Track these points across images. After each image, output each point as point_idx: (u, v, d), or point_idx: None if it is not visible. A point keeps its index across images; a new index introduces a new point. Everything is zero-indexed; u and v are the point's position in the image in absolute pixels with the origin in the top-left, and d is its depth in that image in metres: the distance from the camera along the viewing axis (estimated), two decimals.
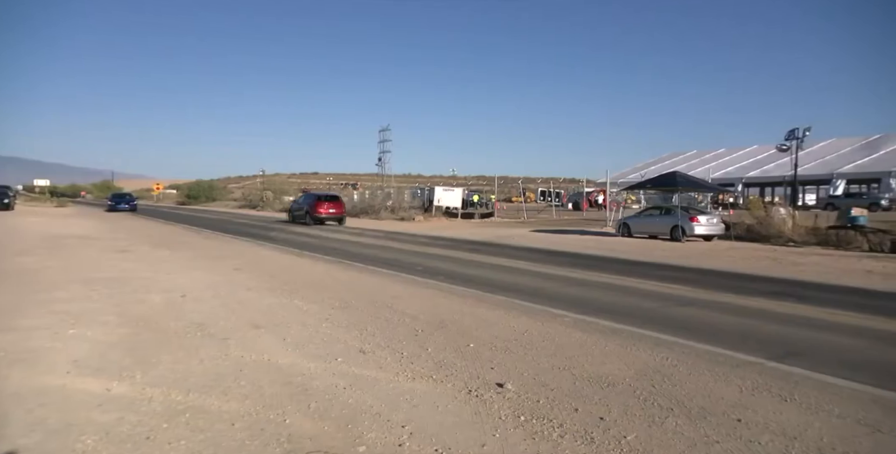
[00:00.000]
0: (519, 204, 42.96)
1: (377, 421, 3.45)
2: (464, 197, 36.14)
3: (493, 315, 6.68)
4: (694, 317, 6.80)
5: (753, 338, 5.68)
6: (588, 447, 3.10)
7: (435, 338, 5.50)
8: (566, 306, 7.18)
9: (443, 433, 3.28)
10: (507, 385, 4.10)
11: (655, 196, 31.00)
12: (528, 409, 3.66)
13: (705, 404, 3.75)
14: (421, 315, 6.56)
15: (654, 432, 3.30)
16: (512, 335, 5.66)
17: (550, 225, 26.86)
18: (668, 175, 21.41)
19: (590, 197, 43.13)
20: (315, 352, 4.95)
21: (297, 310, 6.85)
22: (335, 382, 4.15)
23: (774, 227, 17.69)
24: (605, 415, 3.55)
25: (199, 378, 4.20)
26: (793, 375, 4.38)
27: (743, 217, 20.77)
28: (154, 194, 78.60)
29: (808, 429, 3.35)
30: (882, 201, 30.26)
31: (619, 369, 4.53)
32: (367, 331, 5.80)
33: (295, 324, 6.01)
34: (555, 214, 35.98)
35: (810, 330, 6.07)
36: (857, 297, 8.26)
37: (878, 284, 9.54)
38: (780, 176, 34.68)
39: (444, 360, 4.76)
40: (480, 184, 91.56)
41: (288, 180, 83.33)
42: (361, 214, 35.74)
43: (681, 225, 17.87)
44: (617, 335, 5.70)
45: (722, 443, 3.14)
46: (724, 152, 50.58)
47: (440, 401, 3.80)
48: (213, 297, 7.53)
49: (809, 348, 5.30)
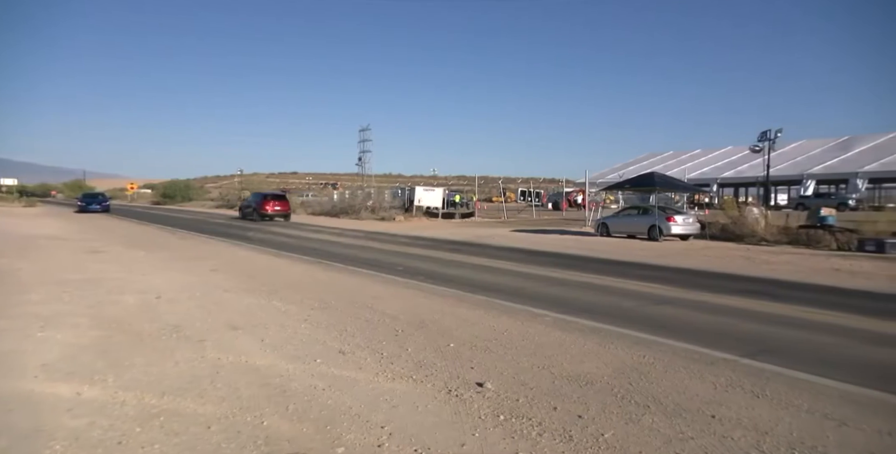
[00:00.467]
0: (499, 204, 43.16)
1: (356, 422, 3.43)
2: (444, 197, 36.14)
3: (473, 315, 6.69)
4: (671, 315, 6.91)
5: (728, 335, 5.79)
6: (566, 445, 3.13)
7: (415, 339, 5.49)
8: (546, 306, 7.23)
9: (422, 433, 3.28)
10: (486, 384, 4.11)
11: (633, 196, 31.45)
12: (508, 408, 3.67)
13: (681, 401, 3.82)
14: (401, 315, 6.55)
15: (631, 429, 3.34)
16: (492, 334, 5.68)
17: (530, 225, 27.03)
18: (646, 176, 21.73)
19: (569, 197, 43.53)
20: (294, 353, 4.90)
21: (275, 310, 6.77)
22: (314, 383, 4.12)
23: (748, 227, 18.07)
24: (583, 414, 3.59)
25: (174, 380, 4.12)
26: (765, 372, 4.48)
27: (718, 217, 21.18)
28: (128, 194, 76.93)
29: (779, 425, 3.43)
30: (849, 201, 31.18)
31: (597, 368, 4.58)
32: (347, 331, 5.76)
33: (273, 325, 5.94)
34: (535, 214, 36.22)
35: (782, 327, 6.22)
36: (825, 295, 8.49)
37: (846, 282, 9.82)
38: (754, 176, 35.47)
39: (425, 360, 4.76)
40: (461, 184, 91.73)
41: (266, 180, 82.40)
42: (341, 214, 35.50)
43: (658, 224, 18.14)
44: (596, 334, 5.76)
45: (696, 440, 3.20)
46: (700, 153, 51.52)
47: (420, 402, 3.80)
48: (188, 299, 7.40)
49: (781, 345, 5.43)
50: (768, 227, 17.88)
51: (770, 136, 20.78)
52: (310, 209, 41.31)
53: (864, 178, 35.02)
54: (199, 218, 33.54)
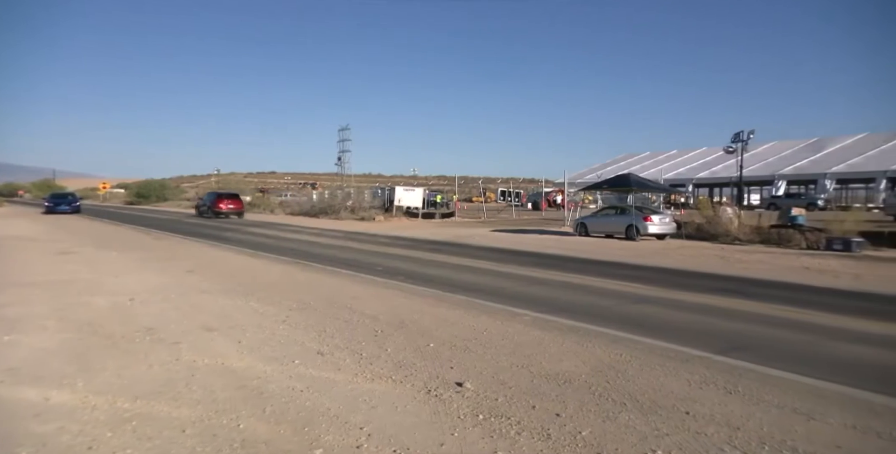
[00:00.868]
0: (479, 204, 43.29)
1: (335, 423, 3.41)
2: (425, 197, 36.12)
3: (453, 314, 6.70)
4: (647, 314, 7.01)
5: (702, 333, 5.90)
6: (545, 443, 3.16)
7: (395, 339, 5.48)
8: (526, 305, 7.28)
9: (401, 434, 3.27)
10: (466, 384, 4.12)
11: (611, 196, 31.86)
12: (487, 408, 3.69)
13: (656, 398, 3.88)
14: (381, 315, 6.52)
15: (608, 427, 3.39)
16: (472, 334, 5.69)
17: (510, 224, 27.18)
18: (623, 176, 22.04)
19: (548, 197, 43.91)
20: (271, 355, 4.85)
21: (252, 312, 6.68)
22: (292, 385, 4.08)
23: (722, 226, 18.44)
24: (561, 412, 3.62)
25: (148, 384, 4.04)
26: (737, 368, 4.58)
27: (693, 216, 21.57)
28: (100, 194, 75.10)
29: (751, 420, 3.51)
30: (818, 201, 32.07)
31: (575, 366, 4.63)
32: (326, 332, 5.72)
33: (251, 327, 5.87)
34: (514, 214, 36.43)
35: (754, 325, 6.36)
36: (796, 293, 8.71)
37: (815, 280, 10.09)
38: (728, 177, 36.24)
39: (404, 361, 4.75)
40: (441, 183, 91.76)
41: (244, 180, 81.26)
42: (321, 214, 35.21)
43: (635, 224, 18.40)
44: (574, 333, 5.81)
45: (671, 436, 3.25)
46: (676, 154, 52.42)
47: (399, 402, 3.79)
48: (163, 300, 7.26)
49: (753, 342, 5.55)
50: (742, 226, 18.27)
51: (743, 138, 21.25)
52: (288, 209, 40.91)
53: (832, 178, 36.06)
54: (174, 218, 32.92)
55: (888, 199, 25.19)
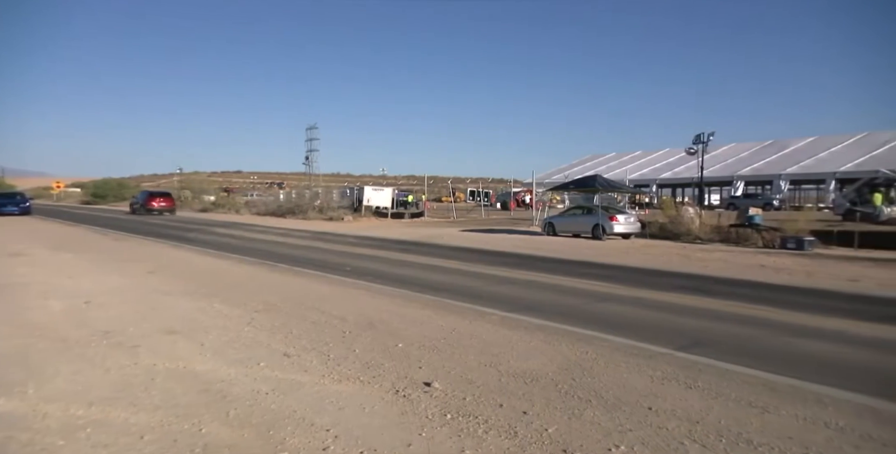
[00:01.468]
0: (449, 204, 43.36)
1: (301, 425, 3.36)
2: (394, 196, 35.98)
3: (422, 314, 6.69)
4: (613, 312, 7.16)
5: (665, 330, 6.06)
6: (511, 441, 3.19)
7: (363, 339, 5.44)
8: (494, 304, 7.33)
9: (369, 435, 3.25)
10: (434, 384, 4.12)
11: (578, 196, 32.35)
12: (455, 407, 3.70)
13: (620, 395, 3.96)
14: (349, 316, 6.46)
15: (574, 424, 3.44)
16: (440, 334, 5.70)
17: (479, 224, 27.32)
18: (589, 177, 22.47)
19: (517, 197, 44.33)
20: (236, 357, 4.74)
21: (217, 314, 6.53)
22: (257, 388, 4.00)
23: (684, 226, 18.98)
24: (528, 410, 3.66)
25: (104, 389, 3.90)
26: (698, 364, 4.72)
27: (657, 216, 22.13)
28: (54, 193, 72.09)
29: (709, 413, 3.62)
30: (774, 201, 33.32)
31: (542, 364, 4.68)
32: (293, 333, 5.63)
33: (215, 329, 5.73)
34: (484, 214, 36.63)
35: (714, 321, 6.57)
36: (753, 290, 9.03)
37: (771, 278, 10.49)
38: (690, 177, 37.25)
39: (372, 361, 4.72)
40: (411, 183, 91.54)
41: (208, 179, 79.17)
42: (288, 214, 34.70)
43: (601, 224, 18.77)
44: (542, 331, 5.88)
45: (634, 431, 3.33)
46: (640, 155, 53.60)
47: (367, 403, 3.76)
48: (122, 303, 7.03)
49: (713, 338, 5.73)
50: (703, 225, 18.85)
51: (703, 139, 21.92)
52: (254, 209, 40.16)
53: (787, 179, 37.48)
54: (134, 218, 31.87)
55: (837, 200, 26.37)
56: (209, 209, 43.66)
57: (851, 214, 21.72)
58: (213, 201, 48.38)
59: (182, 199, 50.26)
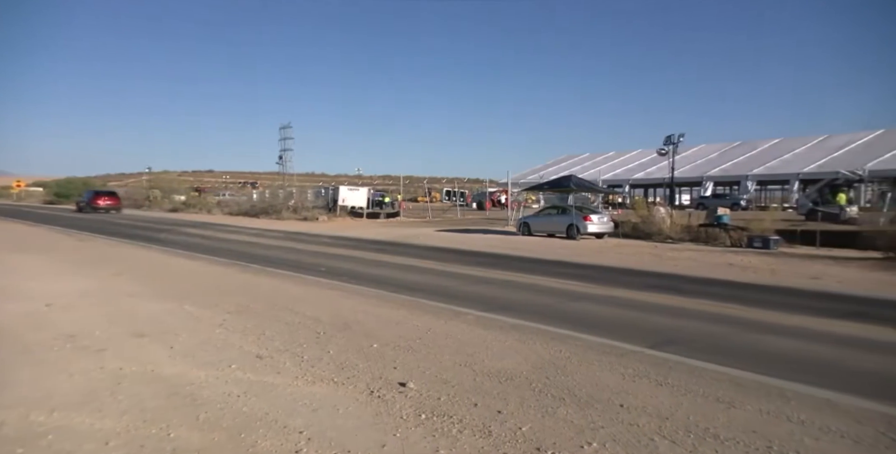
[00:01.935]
0: (424, 204, 43.34)
1: (273, 428, 3.32)
2: (369, 196, 35.78)
3: (397, 314, 6.67)
4: (587, 311, 7.26)
5: (637, 328, 6.17)
6: (486, 440, 3.20)
7: (337, 340, 5.40)
8: (469, 304, 7.35)
9: (342, 436, 3.23)
10: (409, 384, 4.12)
11: (553, 196, 32.69)
12: (430, 407, 3.70)
13: (593, 392, 4.02)
14: (323, 317, 6.41)
15: (547, 422, 3.48)
16: (416, 334, 5.69)
17: (455, 224, 27.37)
18: (564, 178, 22.73)
19: (493, 197, 44.53)
20: (207, 360, 4.66)
21: (187, 316, 6.40)
22: (228, 390, 3.94)
23: (655, 226, 19.35)
24: (502, 409, 3.69)
25: (67, 395, 3.78)
26: (668, 361, 4.82)
27: (629, 216, 22.51)
28: (14, 192, 69.48)
29: (679, 410, 3.70)
30: (741, 201, 34.26)
31: (517, 363, 4.72)
32: (266, 335, 5.56)
33: (184, 331, 5.61)
34: (459, 214, 36.71)
35: (684, 319, 6.72)
36: (721, 288, 9.27)
37: (738, 276, 10.78)
38: (661, 178, 38.02)
39: (347, 362, 4.69)
40: (387, 183, 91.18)
41: (178, 178, 77.24)
42: (261, 215, 34.17)
43: (576, 224, 19.00)
44: (517, 330, 5.93)
45: (606, 428, 3.38)
46: (614, 155, 54.46)
47: (341, 404, 3.74)
48: (87, 306, 6.82)
49: (683, 336, 5.86)
50: (673, 225, 19.24)
51: (674, 141, 22.38)
52: (227, 209, 39.44)
53: (753, 180, 38.59)
54: (101, 218, 30.97)
55: (800, 200, 27.26)
56: (180, 209, 42.69)
57: (814, 214, 22.49)
58: (183, 201, 47.30)
59: (151, 199, 49.05)
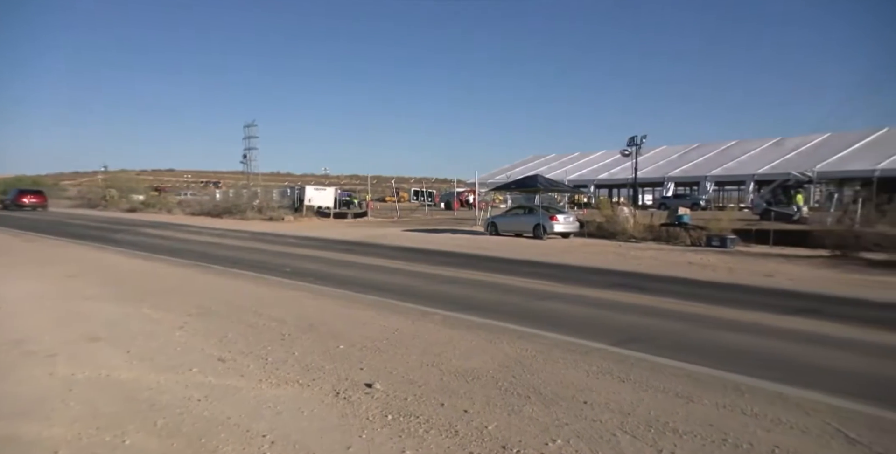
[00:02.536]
0: (392, 203, 43.15)
1: (235, 432, 3.24)
2: (336, 196, 35.41)
3: (364, 315, 6.62)
4: (552, 309, 7.36)
5: (601, 326, 6.30)
6: (452, 440, 3.21)
7: (303, 342, 5.32)
8: (437, 304, 7.36)
9: (307, 439, 3.18)
10: (375, 385, 4.09)
11: (520, 196, 33.01)
12: (396, 408, 3.69)
13: (558, 390, 4.08)
14: (288, 318, 6.30)
15: (513, 420, 3.51)
16: (383, 334, 5.66)
17: (423, 224, 27.34)
18: (531, 177, 22.99)
19: (461, 197, 44.66)
20: (166, 364, 4.52)
21: (145, 319, 6.20)
22: (188, 395, 3.83)
23: (620, 225, 19.77)
24: (469, 408, 3.70)
25: (13, 403, 3.61)
26: (630, 358, 4.93)
27: (594, 216, 22.92)
28: None
29: (640, 405, 3.79)
30: (701, 201, 35.37)
31: (484, 362, 4.75)
32: (228, 337, 5.43)
33: (142, 335, 5.43)
34: (427, 214, 36.69)
35: (646, 317, 6.89)
36: (682, 286, 9.55)
37: (697, 274, 11.12)
38: (625, 178, 38.83)
39: (312, 364, 4.62)
40: (354, 183, 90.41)
41: (137, 177, 74.68)
42: (225, 215, 33.37)
43: (542, 223, 19.24)
44: (483, 330, 5.96)
45: (570, 425, 3.44)
46: (579, 156, 55.35)
47: (306, 406, 3.68)
48: (37, 309, 6.53)
49: (645, 333, 6.01)
50: (636, 225, 19.70)
51: (637, 142, 22.91)
52: (188, 209, 38.37)
53: (712, 180, 39.85)
54: (53, 219, 29.67)
55: (755, 200, 28.34)
56: (138, 209, 41.29)
57: (768, 214, 23.41)
58: (142, 201, 45.79)
59: (107, 199, 47.29)
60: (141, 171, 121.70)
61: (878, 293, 9.05)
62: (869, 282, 10.17)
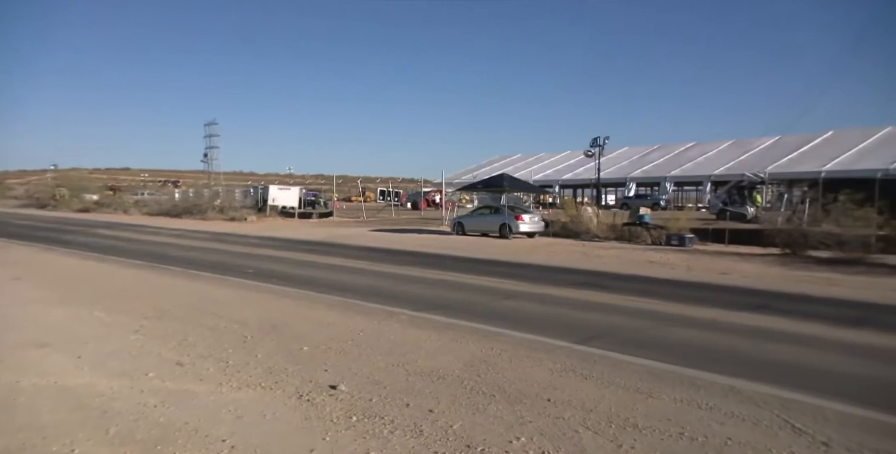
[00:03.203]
0: (359, 203, 42.77)
1: (193, 438, 3.15)
2: (301, 196, 34.87)
3: (328, 316, 6.54)
4: (518, 308, 7.43)
5: (566, 324, 6.39)
6: (417, 440, 3.20)
7: (265, 344, 5.21)
8: (403, 304, 7.32)
9: (269, 442, 3.12)
10: (340, 386, 4.05)
11: (486, 196, 33.22)
12: (361, 409, 3.65)
13: (522, 388, 4.12)
14: (251, 320, 6.16)
15: (478, 419, 3.53)
16: (348, 335, 5.60)
17: (389, 224, 27.20)
18: (497, 177, 23.16)
19: (427, 197, 44.61)
20: (120, 369, 4.35)
21: (98, 322, 5.96)
22: (144, 400, 3.70)
23: (584, 225, 20.14)
24: (434, 408, 3.70)
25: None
26: (593, 355, 5.02)
27: (559, 216, 23.26)
28: None
29: (602, 402, 3.87)
30: (661, 201, 36.39)
31: (449, 362, 4.75)
32: (188, 341, 5.27)
33: (94, 339, 5.22)
34: (394, 214, 36.52)
35: (609, 314, 7.03)
36: (643, 284, 9.78)
37: (658, 272, 11.43)
38: (589, 179, 39.53)
39: (275, 366, 4.54)
40: (319, 183, 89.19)
41: (90, 176, 71.68)
42: (184, 215, 32.42)
43: (508, 223, 19.41)
44: (450, 329, 5.97)
45: (534, 423, 3.48)
46: (544, 156, 56.09)
47: (268, 410, 3.61)
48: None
49: (607, 331, 6.13)
50: (600, 224, 20.10)
51: (600, 143, 23.40)
52: (146, 209, 37.12)
53: (671, 181, 41.04)
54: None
55: (712, 200, 29.36)
56: (91, 209, 39.68)
57: (723, 214, 24.26)
58: (95, 200, 44.00)
59: (58, 198, 45.27)
60: (94, 169, 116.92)
61: (821, 289, 9.49)
62: (814, 279, 10.66)
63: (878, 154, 31.45)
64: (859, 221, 13.24)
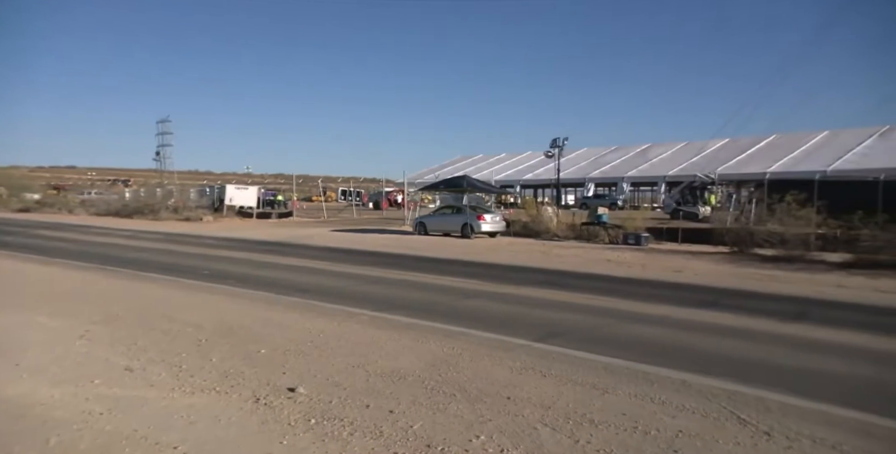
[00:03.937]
0: (319, 203, 42.15)
1: (142, 445, 3.03)
2: (259, 195, 34.10)
3: (287, 318, 6.42)
4: (479, 307, 7.48)
5: (525, 323, 6.47)
6: (377, 441, 3.18)
7: (221, 347, 5.07)
8: (363, 304, 7.26)
9: (223, 448, 3.04)
10: (298, 389, 3.98)
11: (448, 196, 33.29)
12: (320, 411, 3.60)
13: (482, 387, 4.15)
14: (205, 323, 5.98)
15: (438, 418, 3.53)
16: (307, 337, 5.51)
17: (351, 224, 26.91)
18: (458, 178, 23.27)
19: (389, 197, 44.37)
20: (62, 376, 4.15)
21: (39, 327, 5.66)
22: (89, 408, 3.54)
23: (544, 224, 20.45)
24: (394, 409, 3.68)
25: None
26: (552, 353, 5.11)
27: (520, 215, 23.53)
28: None
29: (560, 399, 3.94)
30: (618, 201, 37.36)
31: (410, 362, 4.74)
32: (138, 345, 5.07)
33: (36, 346, 4.96)
34: (355, 214, 36.14)
35: (568, 312, 7.17)
36: (600, 283, 10.02)
37: (615, 271, 11.73)
38: (549, 179, 40.18)
39: (231, 370, 4.42)
40: (279, 183, 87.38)
41: (30, 174, 68.04)
42: (135, 215, 31.17)
43: (470, 223, 19.52)
44: (411, 330, 5.95)
45: (494, 421, 3.51)
46: (506, 157, 56.69)
47: (223, 415, 3.51)
48: None
49: (566, 329, 6.24)
50: (560, 224, 20.47)
51: (559, 144, 23.81)
52: (93, 209, 35.50)
53: (628, 181, 42.22)
54: None
55: (666, 200, 30.34)
56: (33, 209, 37.65)
57: (677, 213, 25.11)
58: (37, 200, 41.78)
59: None
60: (36, 167, 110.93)
61: (766, 286, 9.97)
62: (760, 276, 11.17)
63: (816, 156, 33.28)
64: (800, 221, 13.96)
